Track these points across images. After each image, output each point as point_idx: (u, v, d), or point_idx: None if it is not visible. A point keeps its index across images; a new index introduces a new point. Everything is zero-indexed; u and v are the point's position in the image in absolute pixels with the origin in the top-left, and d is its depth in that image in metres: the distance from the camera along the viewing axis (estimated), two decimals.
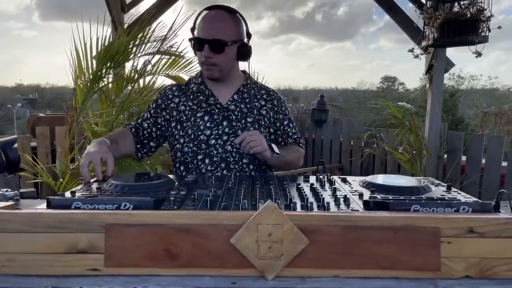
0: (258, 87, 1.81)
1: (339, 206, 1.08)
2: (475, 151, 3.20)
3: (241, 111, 1.72)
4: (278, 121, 1.80)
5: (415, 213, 0.95)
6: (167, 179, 1.32)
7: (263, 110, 1.76)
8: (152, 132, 1.79)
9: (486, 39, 2.62)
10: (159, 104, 1.77)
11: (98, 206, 0.99)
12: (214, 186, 1.29)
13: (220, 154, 1.67)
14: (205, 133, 1.68)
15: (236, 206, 1.04)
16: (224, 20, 1.63)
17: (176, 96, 1.76)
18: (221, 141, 1.67)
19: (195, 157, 1.68)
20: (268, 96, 1.80)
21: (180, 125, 1.72)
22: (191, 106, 1.72)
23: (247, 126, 1.70)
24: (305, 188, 1.27)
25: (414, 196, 1.20)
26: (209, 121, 1.69)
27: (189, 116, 1.71)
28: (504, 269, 0.88)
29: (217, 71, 1.66)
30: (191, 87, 1.77)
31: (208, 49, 1.59)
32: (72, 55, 2.29)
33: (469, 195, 1.29)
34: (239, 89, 1.75)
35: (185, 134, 1.70)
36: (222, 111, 1.71)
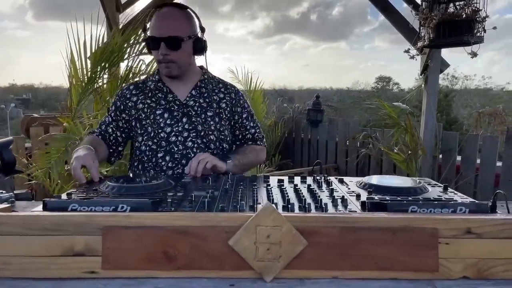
0: (216, 81, 1.82)
1: (337, 207, 1.08)
2: (470, 151, 3.22)
3: (200, 106, 1.72)
4: (237, 114, 1.80)
5: (413, 214, 0.95)
6: (164, 180, 1.32)
7: (222, 103, 1.76)
8: (118, 136, 1.78)
9: (482, 40, 2.64)
10: (118, 106, 1.76)
11: (95, 208, 0.98)
12: (211, 187, 1.29)
13: (180, 150, 1.67)
14: (165, 130, 1.67)
15: (233, 207, 1.04)
16: (177, 17, 1.63)
17: (134, 94, 1.75)
18: (181, 138, 1.67)
19: (154, 155, 1.68)
20: (226, 90, 1.80)
21: (139, 123, 1.72)
22: (150, 104, 1.71)
23: (207, 120, 1.71)
24: (303, 189, 1.27)
25: (411, 196, 1.20)
26: (169, 118, 1.69)
27: (148, 113, 1.70)
28: (501, 270, 0.88)
29: (175, 68, 1.66)
30: (149, 85, 1.76)
31: (164, 47, 1.60)
32: (67, 56, 2.28)
33: (465, 195, 1.30)
34: (197, 85, 1.76)
35: (144, 132, 1.70)
36: (181, 108, 1.71)
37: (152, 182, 1.29)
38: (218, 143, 1.75)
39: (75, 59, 2.30)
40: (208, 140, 1.70)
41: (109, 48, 2.30)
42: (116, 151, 1.80)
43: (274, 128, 5.75)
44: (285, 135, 5.82)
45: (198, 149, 1.68)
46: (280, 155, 5.57)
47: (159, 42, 1.59)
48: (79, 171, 1.37)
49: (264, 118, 5.85)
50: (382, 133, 3.76)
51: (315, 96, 5.50)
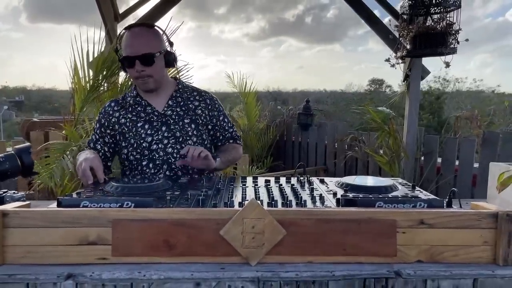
0: (190, 90, 1.94)
1: (315, 204, 1.24)
2: (449, 153, 3.41)
3: (178, 114, 1.84)
4: (214, 118, 1.93)
5: (377, 209, 1.12)
6: (162, 181, 1.47)
7: (198, 110, 1.89)
8: (106, 152, 1.88)
9: (455, 51, 2.83)
10: (103, 123, 1.87)
11: (103, 205, 1.13)
12: (205, 187, 1.45)
13: (161, 157, 1.78)
14: (147, 140, 1.79)
15: (224, 204, 1.20)
16: (146, 35, 1.76)
17: (116, 111, 1.86)
18: (161, 145, 1.79)
19: (139, 163, 1.80)
20: (201, 97, 1.93)
21: (123, 137, 1.83)
22: (131, 118, 1.83)
23: (184, 127, 1.83)
24: (287, 188, 1.43)
25: (382, 194, 1.37)
26: (149, 128, 1.81)
27: (130, 127, 1.82)
28: (450, 255, 1.05)
29: (152, 82, 1.78)
30: (128, 100, 1.88)
31: (139, 64, 1.72)
32: (71, 64, 2.41)
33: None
34: (172, 95, 1.88)
35: (128, 144, 1.82)
36: (160, 118, 1.83)
37: (152, 182, 1.45)
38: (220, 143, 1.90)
39: (78, 68, 2.43)
40: (187, 145, 1.81)
41: (109, 57, 2.44)
42: (106, 166, 1.88)
43: (266, 131, 5.92)
44: (277, 138, 5.99)
45: (178, 154, 1.79)
46: (272, 157, 5.74)
47: (134, 60, 1.72)
48: (88, 171, 1.51)
49: (257, 122, 6.01)
50: (368, 136, 3.94)
51: (305, 101, 5.67)
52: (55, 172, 2.18)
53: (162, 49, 1.80)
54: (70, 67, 2.40)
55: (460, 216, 1.05)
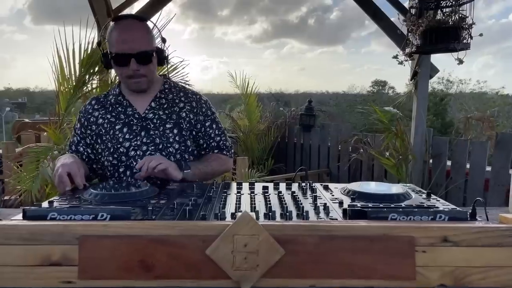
0: (177, 90, 1.76)
1: (319, 215, 1.08)
2: (460, 156, 3.24)
3: (160, 118, 1.67)
4: (199, 123, 1.73)
5: (391, 222, 0.96)
6: (148, 187, 1.32)
7: (182, 112, 1.70)
8: (89, 154, 1.73)
9: (468, 46, 2.66)
10: (82, 123, 1.72)
11: (74, 217, 0.98)
12: (195, 194, 1.29)
13: None
14: (124, 145, 1.64)
15: (215, 215, 1.04)
16: (140, 30, 1.59)
17: (96, 109, 1.71)
18: (140, 152, 1.63)
19: (116, 170, 1.65)
20: (187, 98, 1.74)
21: (99, 139, 1.68)
22: (110, 119, 1.68)
23: (165, 133, 1.66)
24: (286, 196, 1.27)
25: (394, 204, 1.20)
26: (128, 132, 1.65)
27: (108, 129, 1.67)
28: (478, 278, 0.89)
29: (145, 82, 1.63)
30: (110, 99, 1.72)
31: (135, 62, 1.56)
32: (55, 61, 2.26)
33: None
34: (156, 96, 1.71)
35: (105, 147, 1.67)
36: (140, 121, 1.67)
37: (135, 189, 1.29)
38: (179, 155, 1.68)
39: (63, 64, 2.29)
40: (167, 153, 1.66)
41: (98, 53, 2.28)
42: (92, 169, 1.74)
43: (267, 132, 5.77)
44: (278, 139, 5.83)
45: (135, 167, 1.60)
46: (273, 159, 5.58)
47: (129, 58, 1.55)
48: (65, 177, 1.36)
49: (258, 123, 5.87)
50: (373, 137, 3.77)
51: (308, 101, 5.52)
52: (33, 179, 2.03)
53: (155, 45, 1.64)
54: (53, 63, 2.25)
55: (491, 232, 0.89)
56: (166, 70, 1.96)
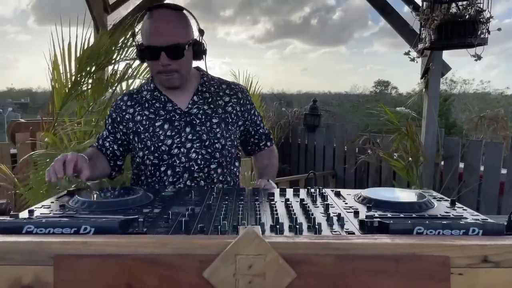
0: (217, 82, 1.66)
1: (332, 227, 0.95)
2: (473, 158, 3.08)
3: (205, 113, 1.57)
4: (246, 112, 1.66)
5: (420, 238, 0.82)
6: (141, 194, 1.19)
7: (228, 106, 1.61)
8: (115, 150, 1.64)
9: (486, 42, 2.50)
10: (114, 118, 1.62)
11: (53, 230, 0.85)
12: (193, 202, 1.16)
13: (183, 163, 1.53)
14: (166, 142, 1.53)
15: (214, 228, 0.91)
16: (174, 21, 1.46)
17: (130, 106, 1.60)
18: (184, 149, 1.53)
19: (157, 169, 1.54)
20: (231, 90, 1.65)
21: (137, 137, 1.57)
22: (148, 115, 1.57)
23: (212, 128, 1.56)
24: (295, 204, 1.14)
25: (415, 213, 1.08)
26: (170, 129, 1.54)
27: (146, 126, 1.56)
28: None
29: (178, 78, 1.50)
30: (144, 94, 1.61)
31: (165, 56, 1.43)
32: (50, 58, 2.14)
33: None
34: (198, 89, 1.60)
35: (144, 146, 1.55)
36: (183, 117, 1.56)
37: (127, 196, 1.17)
38: (226, 151, 1.59)
39: (58, 62, 2.17)
40: (213, 150, 1.55)
41: (95, 50, 2.17)
42: (116, 165, 1.66)
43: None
44: (282, 140, 5.70)
45: (202, 160, 1.54)
46: None
47: (158, 52, 1.42)
48: (59, 164, 1.24)
49: None
50: (381, 138, 3.62)
51: (312, 101, 5.38)
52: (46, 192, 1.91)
53: (191, 38, 1.50)
54: (49, 60, 2.13)
55: None
56: None
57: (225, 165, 1.59)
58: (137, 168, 1.62)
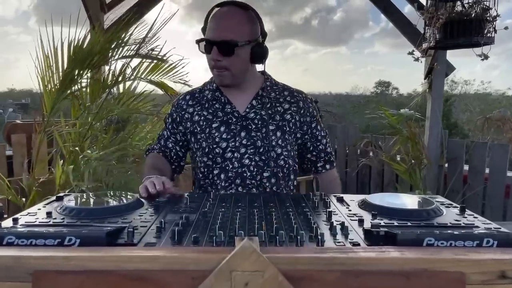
0: (280, 88, 1.61)
1: (335, 237, 0.89)
2: (478, 160, 3.01)
3: (262, 119, 1.52)
4: (305, 125, 1.59)
5: (432, 251, 0.76)
6: (134, 200, 1.13)
7: (287, 114, 1.55)
8: (178, 151, 1.63)
9: (492, 41, 2.43)
10: (174, 118, 1.60)
11: (35, 242, 0.79)
12: (188, 209, 1.10)
13: (235, 168, 1.48)
14: (221, 145, 1.49)
15: (209, 238, 0.85)
16: (235, 18, 1.43)
17: (190, 105, 1.58)
18: (237, 154, 1.49)
19: (210, 172, 1.51)
20: (293, 98, 1.59)
21: (194, 137, 1.56)
22: (206, 116, 1.54)
23: (268, 135, 1.50)
24: (295, 211, 1.08)
25: (423, 221, 1.02)
26: (225, 132, 1.51)
27: (203, 127, 1.53)
28: None
29: (228, 76, 1.46)
30: (206, 94, 1.59)
31: (216, 51, 1.41)
32: (38, 56, 2.08)
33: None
34: (258, 94, 1.55)
35: (199, 147, 1.54)
36: (239, 120, 1.52)
37: (118, 203, 1.10)
38: (283, 161, 1.52)
39: (51, 61, 2.10)
40: (267, 157, 1.49)
41: (88, 47, 2.10)
42: (178, 166, 1.66)
43: None
44: None
45: (255, 168, 1.49)
46: None
47: (211, 46, 1.41)
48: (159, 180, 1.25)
49: None
50: (384, 140, 3.55)
51: (314, 101, 5.31)
52: None
53: (250, 38, 1.44)
54: (36, 58, 2.06)
55: None
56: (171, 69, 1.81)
57: (280, 176, 1.52)
58: (195, 170, 1.61)
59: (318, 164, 1.66)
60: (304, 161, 1.67)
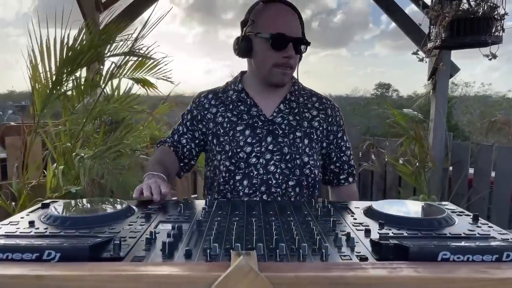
0: (308, 93, 1.55)
1: (341, 249, 0.82)
2: (484, 163, 2.92)
3: (289, 124, 1.45)
4: (332, 134, 1.53)
5: (449, 268, 0.68)
6: (124, 207, 1.06)
7: (314, 121, 1.49)
8: (192, 149, 1.54)
9: (500, 40, 2.36)
10: (195, 115, 1.52)
11: (12, 256, 0.72)
12: (183, 217, 1.03)
13: (261, 175, 1.40)
14: (245, 150, 1.41)
15: (203, 251, 0.78)
16: (297, 18, 1.42)
17: (214, 105, 1.50)
18: (263, 160, 1.41)
19: (231, 177, 1.42)
20: (321, 105, 1.53)
21: (216, 139, 1.47)
22: (230, 118, 1.47)
23: (295, 142, 1.44)
24: (297, 220, 1.01)
25: (435, 231, 0.94)
26: (251, 136, 1.43)
27: (227, 129, 1.46)
28: None
29: (289, 75, 1.43)
30: (230, 94, 1.51)
31: (292, 48, 1.36)
32: (29, 55, 2.00)
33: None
34: (286, 97, 1.49)
35: (221, 150, 1.45)
36: (266, 125, 1.45)
37: (107, 211, 1.03)
38: (309, 170, 1.45)
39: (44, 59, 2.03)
40: (293, 165, 1.42)
41: (82, 46, 2.02)
42: (188, 164, 1.57)
43: None
44: None
45: (281, 175, 1.41)
46: None
47: (287, 42, 1.35)
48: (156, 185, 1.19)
49: None
50: (386, 142, 3.46)
51: None
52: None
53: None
54: (27, 58, 1.99)
55: None
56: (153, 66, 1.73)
57: (305, 185, 1.45)
58: (213, 172, 1.50)
59: (340, 177, 1.58)
60: (327, 172, 1.59)
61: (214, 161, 1.48)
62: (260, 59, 1.41)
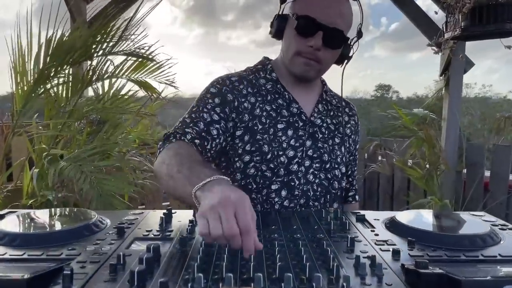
0: (338, 97, 1.32)
1: (365, 280, 0.62)
2: (500, 166, 2.71)
3: (328, 128, 1.23)
4: (354, 145, 1.34)
5: None
6: (94, 219, 0.86)
7: (347, 128, 1.29)
8: (222, 142, 1.14)
9: None
10: (230, 100, 1.15)
11: None
12: (161, 238, 0.83)
13: (301, 185, 1.15)
14: (288, 153, 1.14)
15: (184, 284, 0.59)
16: (346, 5, 1.14)
17: (251, 93, 1.18)
18: (302, 168, 1.16)
19: (267, 185, 1.14)
20: (351, 111, 1.34)
21: (249, 136, 1.14)
22: (270, 112, 1.17)
23: (334, 149, 1.22)
24: (306, 237, 0.81)
25: (480, 252, 0.75)
26: (294, 137, 1.16)
27: (267, 126, 1.15)
28: None
29: (315, 70, 1.16)
30: (263, 83, 1.21)
31: (320, 37, 1.09)
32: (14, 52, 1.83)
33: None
34: (322, 97, 1.26)
35: (256, 150, 1.14)
36: (306, 125, 1.19)
37: (67, 225, 0.83)
38: (344, 182, 1.28)
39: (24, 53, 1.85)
40: (332, 176, 1.21)
41: (67, 43, 1.84)
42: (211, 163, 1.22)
43: None
44: None
45: (320, 187, 1.18)
46: None
47: (316, 29, 1.08)
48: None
49: None
50: (393, 143, 3.25)
51: None
52: None
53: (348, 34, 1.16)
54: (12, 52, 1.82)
55: None
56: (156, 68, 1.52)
57: (339, 201, 1.25)
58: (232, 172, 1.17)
59: (349, 193, 1.37)
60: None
61: (237, 162, 1.15)
62: (286, 44, 1.17)
